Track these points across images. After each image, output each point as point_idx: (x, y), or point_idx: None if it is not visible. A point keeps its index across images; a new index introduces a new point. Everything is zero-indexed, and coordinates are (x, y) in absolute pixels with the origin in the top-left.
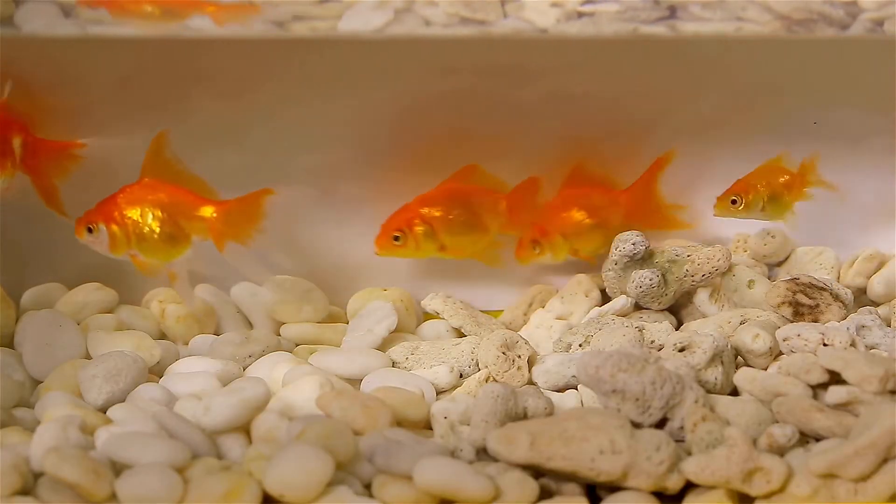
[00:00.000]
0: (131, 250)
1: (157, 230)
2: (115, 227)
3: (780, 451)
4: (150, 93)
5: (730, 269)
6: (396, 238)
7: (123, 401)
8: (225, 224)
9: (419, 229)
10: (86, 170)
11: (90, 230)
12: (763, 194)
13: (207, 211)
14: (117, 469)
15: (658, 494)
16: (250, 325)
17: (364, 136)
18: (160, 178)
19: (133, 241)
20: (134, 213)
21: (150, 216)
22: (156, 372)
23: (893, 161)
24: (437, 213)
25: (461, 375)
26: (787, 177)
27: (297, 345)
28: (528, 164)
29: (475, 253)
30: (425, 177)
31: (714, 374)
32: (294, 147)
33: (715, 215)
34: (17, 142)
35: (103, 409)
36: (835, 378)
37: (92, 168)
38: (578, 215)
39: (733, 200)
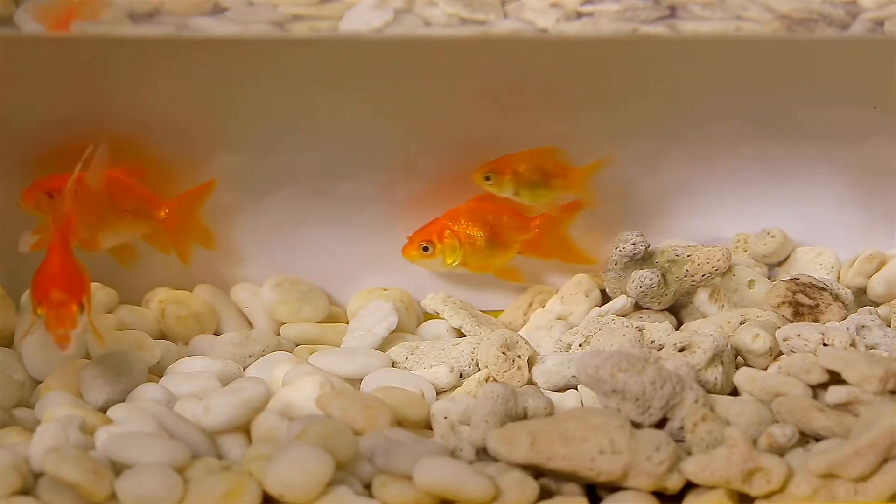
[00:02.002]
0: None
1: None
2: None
3: (780, 451)
4: None
5: (730, 269)
6: (426, 248)
7: (123, 401)
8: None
9: (448, 242)
10: None
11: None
12: (522, 179)
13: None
14: (117, 469)
15: (658, 494)
16: (250, 325)
17: (364, 135)
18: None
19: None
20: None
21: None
22: (156, 372)
23: (893, 161)
24: (465, 229)
25: (461, 375)
26: (552, 167)
27: (297, 345)
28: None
29: (494, 270)
30: (425, 177)
31: (714, 374)
32: (293, 147)
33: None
34: None
35: (103, 409)
36: (835, 378)
37: None
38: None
39: (487, 177)
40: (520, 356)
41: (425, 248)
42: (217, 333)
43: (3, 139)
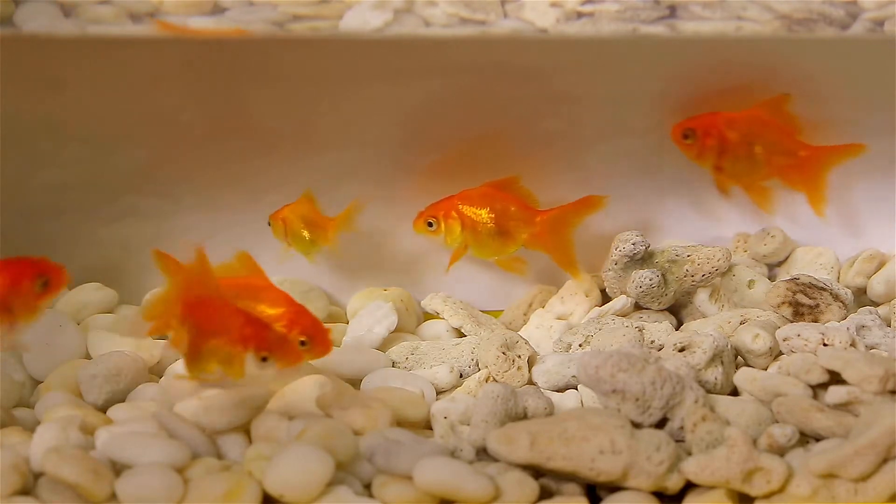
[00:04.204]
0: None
1: None
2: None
3: (780, 451)
4: None
5: (730, 269)
6: (430, 224)
7: (123, 401)
8: None
9: (451, 223)
10: None
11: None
12: (292, 227)
13: None
14: (117, 469)
15: (658, 494)
16: None
17: (365, 135)
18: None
19: None
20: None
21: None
22: (156, 372)
23: (893, 161)
24: (472, 213)
25: (461, 375)
26: (315, 217)
27: None
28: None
29: (497, 258)
30: (425, 176)
31: (714, 374)
32: (294, 147)
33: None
34: None
35: (103, 409)
36: (835, 378)
37: None
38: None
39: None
40: (520, 356)
41: (430, 224)
42: None
43: (3, 140)
